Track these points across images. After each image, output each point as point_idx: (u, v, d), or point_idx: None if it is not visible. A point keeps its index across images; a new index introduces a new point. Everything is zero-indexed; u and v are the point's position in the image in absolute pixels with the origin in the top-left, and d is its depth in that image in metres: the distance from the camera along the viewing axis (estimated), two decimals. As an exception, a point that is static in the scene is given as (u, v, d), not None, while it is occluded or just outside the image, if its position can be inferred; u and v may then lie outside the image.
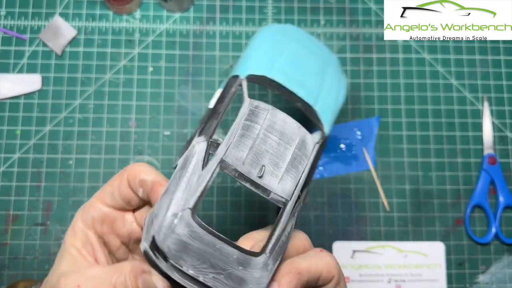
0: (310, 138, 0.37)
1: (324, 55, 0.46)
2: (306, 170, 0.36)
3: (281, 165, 0.35)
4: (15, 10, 0.65)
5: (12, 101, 0.63)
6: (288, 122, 0.37)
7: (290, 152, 0.35)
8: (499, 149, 0.64)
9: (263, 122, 0.36)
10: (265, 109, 0.37)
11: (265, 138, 0.35)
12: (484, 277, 0.61)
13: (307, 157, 0.36)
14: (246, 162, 0.34)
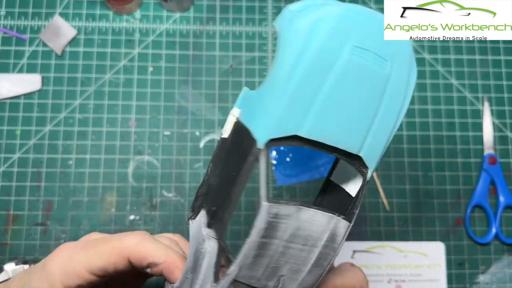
0: (342, 226, 0.32)
1: (391, 50, 0.31)
2: (332, 261, 0.32)
3: (303, 269, 0.31)
4: (15, 10, 0.65)
5: (12, 101, 0.62)
6: (315, 220, 0.31)
7: (315, 254, 0.31)
8: (499, 149, 0.64)
9: (284, 234, 0.30)
10: (287, 216, 0.31)
11: (285, 251, 0.31)
12: (484, 277, 0.61)
13: (335, 250, 0.32)
14: (261, 278, 0.31)
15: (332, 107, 0.30)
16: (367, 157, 0.31)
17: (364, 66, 0.30)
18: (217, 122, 0.63)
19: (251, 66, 0.65)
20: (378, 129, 0.31)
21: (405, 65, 0.31)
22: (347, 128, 0.30)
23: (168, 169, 0.62)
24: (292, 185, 0.62)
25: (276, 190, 0.62)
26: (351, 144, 0.31)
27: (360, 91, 0.30)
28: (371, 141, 0.31)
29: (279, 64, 0.29)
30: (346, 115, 0.30)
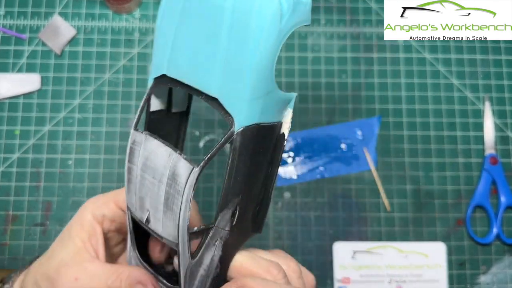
0: (183, 166, 0.29)
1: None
2: (183, 208, 0.29)
3: (159, 208, 0.31)
4: (15, 9, 0.65)
5: (11, 101, 0.62)
6: (159, 152, 0.31)
7: (163, 192, 0.30)
8: (501, 149, 0.64)
9: (138, 160, 0.32)
10: (139, 143, 0.32)
11: (142, 180, 0.32)
12: (485, 278, 0.61)
13: (180, 193, 0.29)
14: (137, 208, 0.33)
15: (181, 44, 0.31)
16: (224, 99, 0.29)
17: (201, 0, 0.30)
18: (217, 122, 0.63)
19: (251, 66, 0.65)
20: (232, 68, 0.28)
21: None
22: (197, 66, 0.30)
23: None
24: (293, 185, 0.62)
25: (276, 190, 0.62)
26: (204, 84, 0.30)
27: (202, 25, 0.30)
28: (227, 82, 0.29)
29: None
30: (193, 51, 0.30)
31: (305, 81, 0.65)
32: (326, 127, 0.64)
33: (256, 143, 0.30)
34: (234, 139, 0.29)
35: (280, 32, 0.28)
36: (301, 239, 0.61)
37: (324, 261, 0.60)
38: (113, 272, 0.33)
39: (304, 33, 0.66)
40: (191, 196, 0.29)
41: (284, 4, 0.28)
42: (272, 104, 0.30)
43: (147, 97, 0.34)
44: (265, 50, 0.28)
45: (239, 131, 0.29)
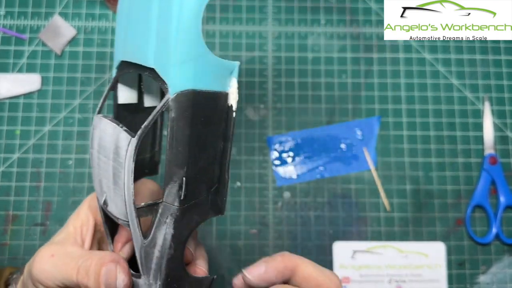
0: (123, 137, 0.29)
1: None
2: (126, 180, 0.29)
3: (110, 186, 0.30)
4: (15, 9, 0.65)
5: (12, 101, 0.62)
6: (107, 130, 0.31)
7: (111, 167, 0.30)
8: (500, 149, 0.64)
9: (95, 143, 0.32)
10: (96, 126, 0.32)
11: (99, 162, 0.31)
12: (484, 278, 0.61)
13: (122, 166, 0.29)
14: (98, 193, 0.32)
15: (130, 29, 0.32)
16: (159, 67, 0.29)
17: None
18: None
19: (251, 66, 0.65)
20: (163, 37, 0.29)
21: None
22: (138, 43, 0.31)
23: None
24: (292, 185, 0.62)
25: (276, 190, 0.62)
26: (143, 57, 0.30)
27: (141, 7, 0.31)
28: (161, 51, 0.29)
29: None
30: (136, 32, 0.31)
31: (305, 81, 0.65)
32: (326, 127, 0.64)
33: (195, 111, 0.29)
34: (170, 105, 0.29)
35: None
36: (301, 239, 0.61)
37: (324, 260, 0.60)
38: (86, 253, 0.33)
39: (304, 33, 0.66)
40: (132, 167, 0.29)
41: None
42: (207, 70, 0.30)
43: (111, 85, 0.35)
44: (187, 12, 0.28)
45: (173, 97, 0.28)
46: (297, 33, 0.66)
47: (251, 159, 0.62)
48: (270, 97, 0.64)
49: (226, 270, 0.59)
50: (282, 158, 0.63)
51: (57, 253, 0.34)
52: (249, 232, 0.60)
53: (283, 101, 0.64)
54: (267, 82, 0.64)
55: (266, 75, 0.65)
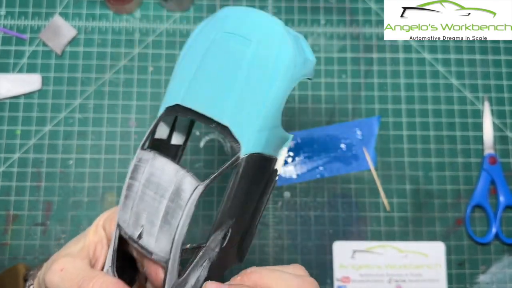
0: (189, 182, 0.31)
1: (258, 33, 0.34)
2: (182, 222, 0.30)
3: (155, 222, 0.31)
4: (15, 9, 0.65)
5: (12, 101, 0.62)
6: (166, 169, 0.32)
7: (164, 206, 0.31)
8: (500, 149, 0.64)
9: (142, 176, 0.33)
10: (146, 161, 0.33)
11: (142, 196, 0.32)
12: (484, 277, 0.61)
13: (182, 207, 0.30)
14: (130, 224, 0.33)
15: (200, 80, 0.34)
16: (234, 127, 0.32)
17: (227, 46, 0.34)
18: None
19: (251, 66, 0.65)
20: (245, 102, 0.32)
21: (272, 44, 0.33)
22: (212, 98, 0.33)
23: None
24: (293, 185, 0.62)
25: (276, 190, 0.62)
26: (217, 113, 0.32)
27: (222, 63, 0.34)
28: (239, 114, 0.32)
29: None
30: (211, 86, 0.34)
31: (305, 81, 0.65)
32: (325, 127, 0.64)
33: (256, 171, 0.33)
34: (239, 163, 0.31)
35: (292, 76, 0.33)
36: (301, 239, 0.61)
37: (324, 260, 0.60)
38: (91, 273, 0.33)
39: (304, 33, 0.66)
40: (192, 211, 0.30)
41: (297, 57, 0.33)
42: (274, 139, 0.33)
43: (157, 122, 0.36)
44: (278, 89, 0.32)
45: (244, 157, 0.32)
46: (297, 33, 0.66)
47: (251, 159, 0.62)
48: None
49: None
50: (282, 158, 0.63)
51: (66, 267, 0.34)
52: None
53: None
54: (267, 82, 0.64)
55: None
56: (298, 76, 0.34)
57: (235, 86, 0.32)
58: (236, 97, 0.32)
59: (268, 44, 0.33)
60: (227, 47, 0.34)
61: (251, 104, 0.32)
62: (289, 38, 0.34)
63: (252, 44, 0.33)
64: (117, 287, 0.31)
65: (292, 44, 0.34)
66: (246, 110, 0.32)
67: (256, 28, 0.34)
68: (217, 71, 0.34)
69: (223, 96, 0.33)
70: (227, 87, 0.33)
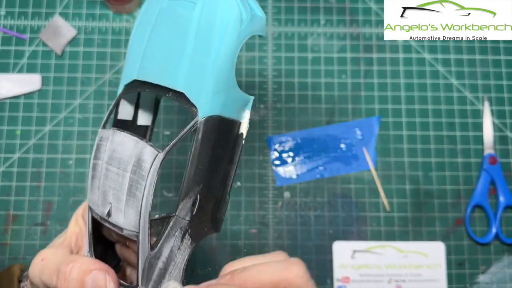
0: (148, 152, 0.31)
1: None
2: (146, 192, 0.30)
3: (121, 197, 0.31)
4: (15, 9, 0.65)
5: (12, 101, 0.62)
6: (125, 142, 0.32)
7: (127, 179, 0.31)
8: (500, 149, 0.64)
9: (104, 155, 0.33)
10: (106, 138, 0.33)
11: (107, 173, 0.32)
12: (484, 277, 0.61)
13: (144, 178, 0.30)
14: (99, 204, 0.32)
15: (152, 50, 0.34)
16: (189, 93, 0.32)
17: (174, 12, 0.34)
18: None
19: (251, 66, 0.65)
20: (197, 67, 0.32)
21: (216, 4, 0.33)
22: (165, 67, 0.33)
23: (168, 169, 0.61)
24: (292, 185, 0.62)
25: (276, 190, 0.62)
26: (171, 81, 0.33)
27: (170, 31, 0.34)
28: (193, 79, 0.32)
29: None
30: (162, 55, 0.33)
31: (305, 81, 0.65)
32: (325, 127, 0.64)
33: (217, 135, 0.32)
34: (198, 127, 0.32)
35: (239, 34, 0.33)
36: (301, 239, 0.61)
37: (323, 260, 0.60)
38: (68, 257, 0.32)
39: (304, 33, 0.66)
40: (155, 181, 0.30)
41: (243, 13, 0.33)
42: (232, 100, 0.33)
43: (116, 102, 0.36)
44: (227, 48, 0.32)
45: (202, 120, 0.32)
46: (297, 33, 0.66)
47: (251, 159, 0.62)
48: (270, 97, 0.64)
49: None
50: (282, 158, 0.63)
51: (47, 257, 0.33)
52: (249, 231, 0.61)
53: (283, 101, 0.64)
54: (267, 82, 0.65)
55: (266, 75, 0.65)
56: (246, 33, 0.34)
57: (185, 51, 0.32)
58: (188, 63, 0.32)
59: (212, 4, 0.33)
60: (174, 14, 0.34)
61: (202, 67, 0.32)
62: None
63: (197, 7, 0.33)
64: (98, 267, 0.30)
65: (237, 2, 0.33)
66: (198, 74, 0.32)
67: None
68: (167, 40, 0.34)
69: (175, 64, 0.33)
70: (178, 54, 0.33)
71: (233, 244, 0.60)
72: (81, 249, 0.36)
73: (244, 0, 0.34)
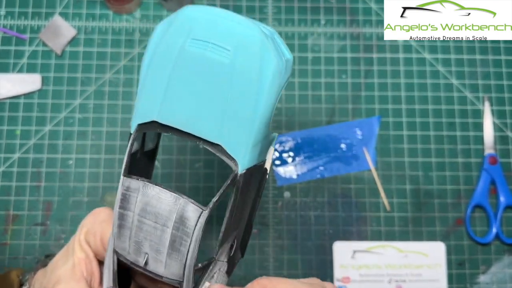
0: (191, 210, 0.31)
1: (235, 41, 0.32)
2: (191, 248, 0.31)
3: (162, 250, 0.32)
4: (15, 9, 0.65)
5: (12, 101, 0.62)
6: (162, 198, 0.32)
7: (168, 235, 0.32)
8: (500, 149, 0.64)
9: (135, 207, 0.33)
10: (136, 190, 0.33)
11: (140, 225, 0.32)
12: (484, 277, 0.61)
13: (189, 235, 0.31)
14: (131, 252, 0.33)
15: (177, 93, 0.32)
16: (227, 145, 0.31)
17: (201, 55, 0.32)
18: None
19: (251, 66, 0.65)
20: (233, 117, 0.31)
21: (252, 53, 0.31)
22: (195, 114, 0.32)
23: (168, 169, 0.61)
24: (293, 185, 0.62)
25: (276, 190, 0.62)
26: (205, 131, 0.32)
27: (200, 77, 0.32)
28: (229, 130, 0.31)
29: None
30: (191, 101, 0.32)
31: (305, 81, 0.65)
32: (326, 127, 0.64)
33: (251, 182, 0.33)
34: (238, 180, 0.32)
35: (279, 85, 0.32)
36: (301, 239, 0.61)
37: (324, 260, 0.60)
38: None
39: (304, 33, 0.66)
40: (200, 237, 0.31)
41: (281, 63, 0.32)
42: (265, 146, 0.34)
43: (132, 142, 0.35)
44: (267, 101, 0.32)
45: (242, 173, 0.32)
46: (297, 33, 0.66)
47: (251, 159, 0.62)
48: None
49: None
50: (282, 158, 0.63)
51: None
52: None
53: (283, 101, 0.64)
54: (267, 82, 0.64)
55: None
56: (283, 82, 0.33)
57: (219, 101, 0.31)
58: (222, 113, 0.31)
59: (248, 53, 0.31)
60: (202, 57, 0.32)
61: (240, 119, 0.31)
62: (269, 44, 0.32)
63: (231, 54, 0.31)
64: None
65: (274, 51, 0.32)
66: (236, 125, 0.31)
67: (231, 35, 0.32)
68: (195, 84, 0.32)
69: (208, 112, 0.31)
70: (210, 102, 0.31)
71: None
72: (93, 275, 0.36)
73: (276, 44, 0.33)
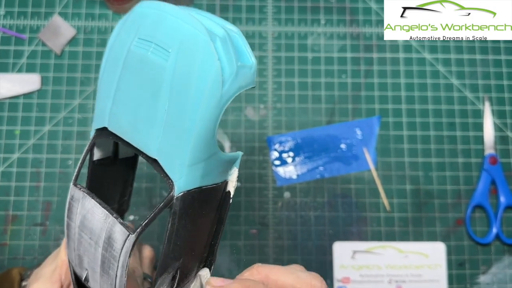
0: (118, 231, 0.28)
1: (178, 41, 0.28)
2: (119, 274, 0.28)
3: (96, 270, 0.29)
4: (15, 9, 0.65)
5: (11, 101, 0.62)
6: (95, 213, 0.29)
7: (99, 254, 0.29)
8: (500, 149, 0.64)
9: (76, 218, 0.30)
10: (77, 200, 0.30)
11: (80, 239, 0.30)
12: (484, 278, 0.61)
13: (116, 259, 0.28)
14: (76, 264, 0.31)
15: (122, 97, 0.29)
16: (164, 161, 0.27)
17: (143, 57, 0.28)
18: (217, 122, 0.63)
19: (251, 66, 0.65)
20: (172, 130, 0.27)
21: (193, 56, 0.27)
22: (136, 124, 0.28)
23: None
24: (292, 185, 0.62)
25: (276, 190, 0.62)
26: (143, 144, 0.28)
27: (140, 81, 0.28)
28: (169, 144, 0.27)
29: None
30: (132, 108, 0.28)
31: (305, 81, 0.65)
32: (326, 127, 0.64)
33: (198, 207, 0.29)
34: (174, 203, 0.28)
35: (221, 98, 0.27)
36: (301, 239, 0.61)
37: (324, 261, 0.60)
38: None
39: (304, 33, 0.66)
40: (127, 262, 0.27)
41: (226, 69, 0.27)
42: (214, 167, 0.29)
43: (88, 148, 0.33)
44: (204, 117, 0.27)
45: (179, 196, 0.27)
46: (297, 33, 0.66)
47: (251, 159, 0.62)
48: (270, 97, 0.64)
49: (226, 270, 0.59)
50: (282, 158, 0.63)
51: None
52: (249, 232, 0.60)
53: (283, 101, 0.64)
54: (267, 82, 0.64)
55: (266, 75, 0.65)
56: (230, 93, 0.28)
57: (158, 110, 0.27)
58: (161, 125, 0.27)
59: (188, 56, 0.27)
60: (144, 59, 0.28)
61: (177, 134, 0.27)
62: (212, 46, 0.27)
63: (171, 57, 0.27)
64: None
65: (220, 54, 0.27)
66: (173, 141, 0.27)
67: (174, 34, 0.27)
68: (137, 91, 0.28)
69: (147, 124, 0.28)
70: (150, 111, 0.27)
71: (233, 244, 0.60)
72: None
73: (228, 47, 0.28)
